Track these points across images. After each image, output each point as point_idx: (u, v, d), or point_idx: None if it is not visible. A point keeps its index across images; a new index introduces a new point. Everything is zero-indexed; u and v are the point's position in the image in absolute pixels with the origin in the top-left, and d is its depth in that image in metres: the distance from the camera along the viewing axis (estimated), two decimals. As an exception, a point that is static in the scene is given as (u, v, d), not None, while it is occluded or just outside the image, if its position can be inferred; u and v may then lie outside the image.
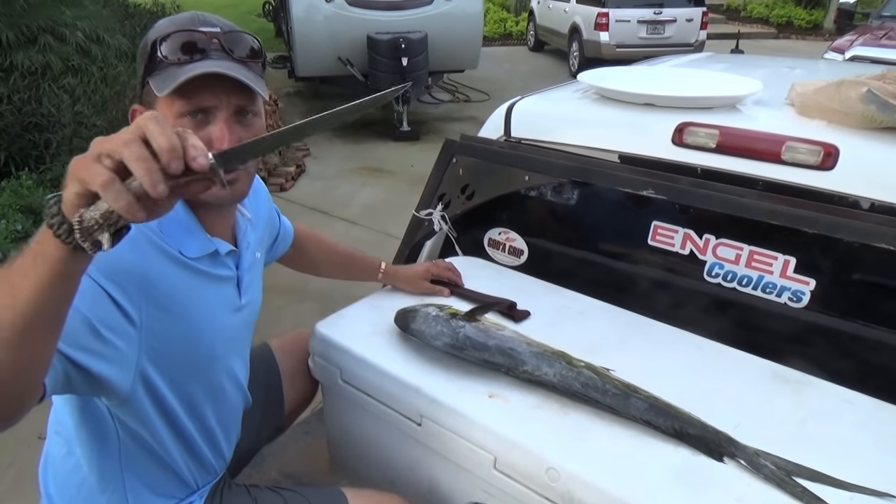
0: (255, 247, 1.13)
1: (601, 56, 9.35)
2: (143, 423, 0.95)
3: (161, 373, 0.92)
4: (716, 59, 2.30)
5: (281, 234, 1.35)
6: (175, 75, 0.85)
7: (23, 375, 0.62)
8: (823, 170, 1.29)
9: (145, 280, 0.86)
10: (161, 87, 0.86)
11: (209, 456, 1.08)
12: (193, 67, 0.86)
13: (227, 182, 0.88)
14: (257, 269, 1.15)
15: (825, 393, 1.17)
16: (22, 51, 4.38)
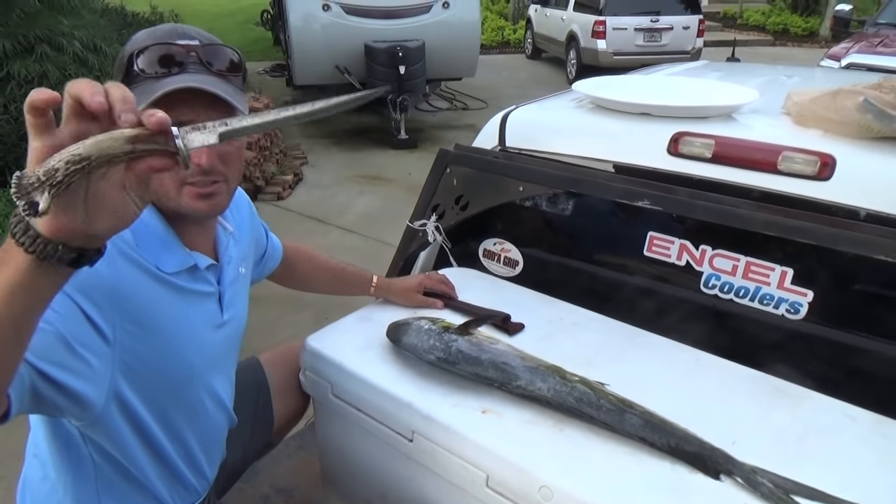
0: (239, 261, 1.11)
1: (598, 64, 9.36)
2: (116, 444, 0.93)
3: (136, 391, 0.90)
4: (712, 68, 2.30)
5: (269, 251, 1.34)
6: (152, 89, 0.84)
7: None
8: (820, 180, 1.28)
9: (120, 295, 0.84)
10: (137, 101, 0.83)
11: (190, 477, 1.06)
12: (170, 81, 0.84)
13: (206, 195, 0.87)
14: (241, 285, 1.13)
15: (825, 407, 1.15)
16: (19, 60, 4.38)
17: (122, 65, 0.88)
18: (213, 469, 1.14)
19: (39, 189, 0.53)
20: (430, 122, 7.54)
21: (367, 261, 1.49)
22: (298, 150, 6.36)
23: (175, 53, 0.86)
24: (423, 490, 1.18)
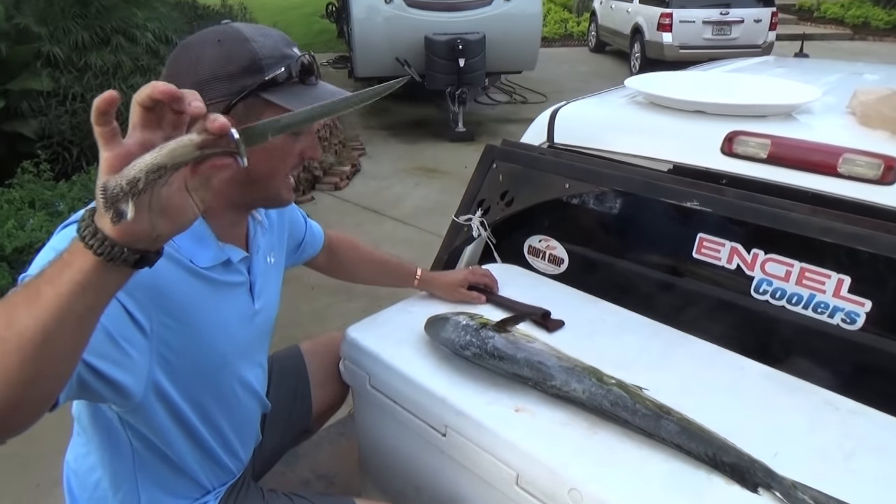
0: (267, 251, 1.13)
1: (664, 58, 9.13)
2: (154, 429, 0.97)
3: (171, 380, 0.94)
4: (775, 64, 2.21)
5: (307, 238, 1.35)
6: (309, 94, 0.93)
7: (42, 385, 0.62)
8: (884, 184, 1.21)
9: (157, 291, 0.87)
10: (300, 105, 0.85)
11: (224, 458, 1.10)
12: (323, 90, 0.96)
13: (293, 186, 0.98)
14: (273, 274, 1.15)
15: (877, 424, 1.09)
16: (95, 51, 4.60)
17: (251, 66, 0.91)
18: (248, 451, 1.17)
19: (124, 199, 0.57)
20: (489, 116, 7.51)
21: (420, 253, 1.49)
22: (357, 141, 6.45)
23: (312, 65, 0.96)
24: (455, 484, 1.18)
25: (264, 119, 0.88)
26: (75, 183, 3.86)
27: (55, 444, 1.20)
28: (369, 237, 4.29)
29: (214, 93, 0.90)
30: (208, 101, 0.87)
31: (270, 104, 0.92)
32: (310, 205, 4.80)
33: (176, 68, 0.92)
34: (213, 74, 0.90)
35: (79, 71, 4.48)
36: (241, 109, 0.91)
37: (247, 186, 0.97)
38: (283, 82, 0.93)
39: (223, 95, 0.90)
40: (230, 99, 0.90)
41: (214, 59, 0.90)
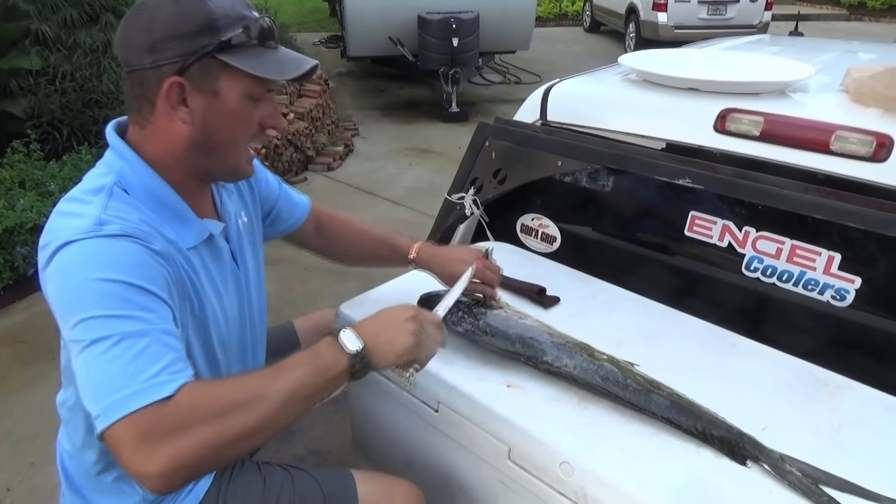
0: (237, 213, 1.13)
1: (658, 38, 9.08)
2: None
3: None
4: (770, 42, 2.20)
5: (282, 205, 1.29)
6: (268, 58, 0.94)
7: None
8: (875, 161, 1.22)
9: (174, 285, 0.92)
10: (265, 69, 0.93)
11: None
12: (284, 54, 0.96)
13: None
14: (248, 234, 1.15)
15: (865, 399, 1.11)
16: (84, 29, 4.54)
17: (207, 27, 0.89)
18: None
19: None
20: (483, 96, 7.47)
21: (413, 234, 1.45)
22: (350, 121, 6.41)
23: (272, 27, 0.95)
24: (448, 460, 1.19)
25: (221, 81, 0.91)
26: (66, 163, 3.83)
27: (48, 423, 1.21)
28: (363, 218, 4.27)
29: (169, 53, 0.88)
30: (163, 61, 0.88)
31: (227, 66, 0.91)
32: (303, 185, 4.78)
33: (130, 28, 0.90)
34: (168, 34, 0.88)
35: (68, 49, 4.42)
36: (195, 70, 0.90)
37: (207, 155, 0.96)
38: (241, 45, 0.91)
39: (177, 56, 0.89)
40: (185, 59, 0.89)
41: (169, 18, 0.89)
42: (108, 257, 0.84)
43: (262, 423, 0.82)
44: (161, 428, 0.77)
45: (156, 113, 0.92)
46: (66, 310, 0.82)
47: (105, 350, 0.79)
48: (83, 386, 0.81)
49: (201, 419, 0.79)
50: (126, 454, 0.77)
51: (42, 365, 2.65)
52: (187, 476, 0.79)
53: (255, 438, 0.83)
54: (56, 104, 4.13)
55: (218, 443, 0.79)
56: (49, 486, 1.39)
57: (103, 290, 0.82)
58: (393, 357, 0.95)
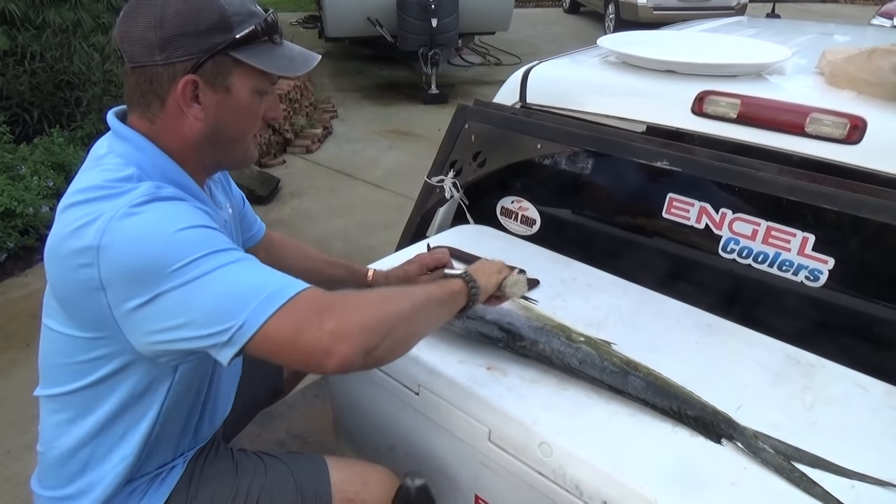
0: (224, 203, 1.13)
1: (638, 19, 9.07)
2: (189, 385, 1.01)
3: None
4: (747, 24, 2.21)
5: (247, 212, 1.29)
6: (277, 54, 0.95)
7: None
8: (849, 143, 1.23)
9: None
10: (276, 66, 0.94)
11: (205, 423, 1.11)
12: (289, 49, 0.97)
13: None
14: (234, 225, 1.16)
15: (837, 377, 1.13)
16: (53, 8, 4.41)
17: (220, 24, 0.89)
18: (224, 416, 1.18)
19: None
20: (462, 78, 7.43)
21: (393, 216, 1.45)
22: (328, 103, 6.34)
23: (278, 22, 0.96)
24: (428, 442, 1.20)
25: (233, 78, 0.91)
26: (37, 146, 3.75)
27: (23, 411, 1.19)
28: (342, 201, 4.25)
29: (182, 50, 0.87)
30: (176, 59, 0.88)
31: (240, 63, 0.91)
32: (281, 168, 4.73)
33: (134, 26, 0.88)
34: (181, 31, 0.87)
35: (37, 29, 4.30)
36: (209, 67, 0.90)
37: (218, 147, 0.97)
38: (252, 41, 0.91)
39: (191, 53, 0.88)
40: (199, 56, 0.88)
41: (180, 14, 0.87)
42: (181, 213, 0.85)
43: (413, 312, 0.91)
44: (334, 306, 0.82)
45: (166, 109, 0.91)
46: (151, 268, 0.80)
47: (225, 273, 0.81)
48: (200, 313, 0.80)
49: (361, 304, 0.86)
50: (310, 332, 0.80)
51: (16, 352, 2.61)
52: (367, 351, 0.82)
53: (412, 324, 0.91)
54: (25, 85, 4.03)
55: (384, 326, 0.85)
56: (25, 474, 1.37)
57: (193, 236, 0.83)
58: (491, 287, 1.10)
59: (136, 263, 0.81)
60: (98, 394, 0.95)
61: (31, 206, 3.28)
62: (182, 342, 0.83)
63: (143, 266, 0.81)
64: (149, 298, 0.81)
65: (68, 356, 0.93)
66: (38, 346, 1.01)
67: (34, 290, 3.09)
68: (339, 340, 0.80)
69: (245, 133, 0.99)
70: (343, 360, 0.80)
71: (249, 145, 1.01)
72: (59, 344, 0.93)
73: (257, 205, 4.10)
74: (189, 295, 0.80)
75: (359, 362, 0.82)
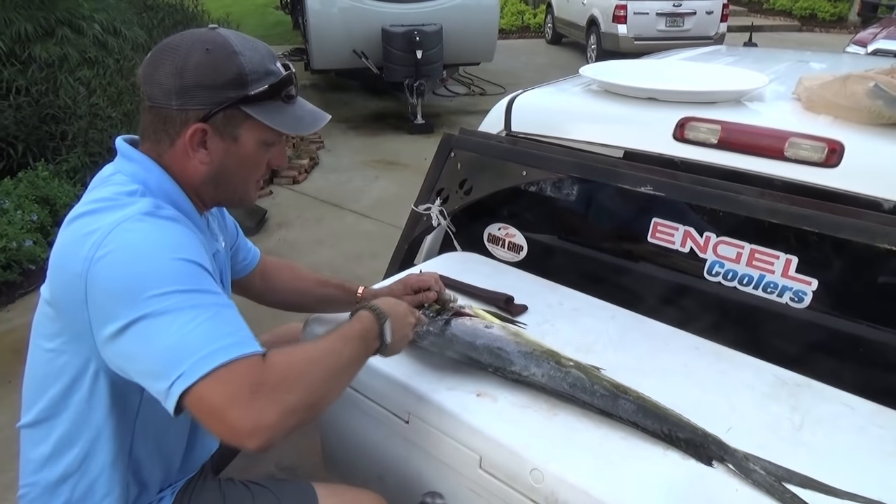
0: (219, 235, 1.15)
1: (619, 49, 9.24)
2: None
3: None
4: (725, 53, 2.26)
5: (241, 242, 1.31)
6: (286, 113, 0.99)
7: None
8: (828, 167, 1.26)
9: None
10: (285, 124, 0.99)
11: (193, 455, 1.10)
12: (300, 107, 1.02)
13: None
14: (225, 257, 1.19)
15: (824, 397, 1.14)
16: (40, 43, 4.43)
17: (236, 80, 0.94)
18: (211, 449, 1.17)
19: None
20: (448, 108, 7.51)
21: (380, 246, 1.45)
22: (315, 134, 6.38)
23: (294, 82, 1.01)
24: (419, 471, 1.19)
25: (241, 129, 0.97)
26: (21, 180, 3.73)
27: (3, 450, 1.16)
28: (330, 231, 4.25)
29: (197, 100, 0.93)
30: (190, 107, 0.93)
31: (249, 117, 0.96)
32: (268, 199, 4.73)
33: (157, 70, 0.93)
34: (198, 82, 0.93)
35: (23, 63, 4.31)
36: (220, 118, 0.95)
37: (221, 189, 1.02)
38: (264, 98, 0.96)
39: (205, 104, 0.93)
40: (211, 108, 0.94)
41: (200, 67, 0.92)
42: (174, 238, 0.89)
43: (341, 378, 0.95)
44: (268, 382, 0.82)
45: (175, 148, 0.96)
46: (129, 289, 0.83)
47: (189, 318, 0.82)
48: (154, 355, 0.81)
49: (297, 378, 0.86)
50: (239, 408, 0.80)
51: (-2, 388, 2.57)
52: (290, 429, 0.83)
53: (332, 396, 0.93)
54: (10, 119, 4.02)
55: (317, 393, 0.88)
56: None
57: (177, 267, 0.85)
58: (396, 352, 1.09)
59: (117, 283, 0.83)
60: (75, 419, 0.95)
61: (14, 240, 3.26)
62: (140, 378, 0.85)
63: (123, 286, 0.83)
64: (121, 326, 0.83)
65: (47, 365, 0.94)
66: (20, 382, 1.00)
67: (16, 325, 3.04)
68: (262, 428, 0.80)
69: (247, 180, 1.04)
70: (264, 445, 0.81)
71: (250, 190, 1.06)
72: (45, 360, 0.94)
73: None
74: (153, 329, 0.82)
75: (279, 440, 0.83)
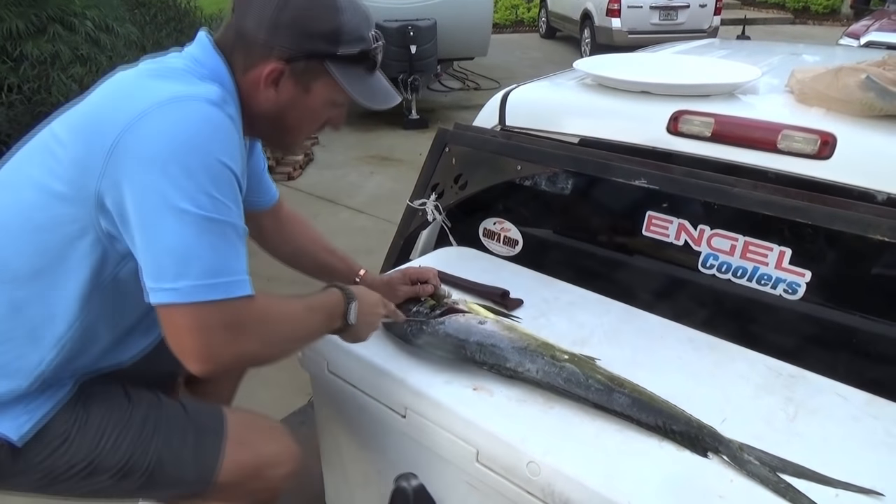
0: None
1: (613, 43, 9.23)
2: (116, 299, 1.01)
3: None
4: (718, 46, 2.26)
5: (262, 177, 1.32)
6: (366, 83, 1.00)
7: None
8: (820, 159, 1.26)
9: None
10: (360, 92, 1.00)
11: (119, 351, 1.11)
12: (378, 82, 1.03)
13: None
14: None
15: (817, 387, 1.15)
16: (31, 40, 4.40)
17: (332, 35, 0.94)
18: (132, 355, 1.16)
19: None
20: (442, 103, 7.50)
21: (376, 241, 1.45)
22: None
23: (379, 56, 1.02)
24: (416, 465, 1.19)
25: (317, 83, 0.97)
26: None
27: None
28: (325, 227, 4.24)
29: (286, 40, 0.93)
30: (276, 44, 0.93)
31: (328, 74, 0.96)
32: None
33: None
34: (294, 24, 0.92)
35: (14, 61, 4.29)
36: (300, 66, 0.95)
37: (273, 128, 1.03)
38: (349, 62, 0.96)
39: (292, 47, 0.93)
40: (297, 53, 0.93)
41: (301, 11, 0.93)
42: (232, 142, 0.89)
43: (296, 344, 1.08)
44: (244, 326, 0.89)
45: (246, 76, 0.96)
46: (172, 158, 0.83)
47: (204, 231, 0.84)
48: (155, 248, 0.84)
49: (266, 332, 0.93)
50: (200, 337, 0.86)
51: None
52: (232, 369, 0.96)
53: (281, 357, 0.99)
54: (3, 117, 4.00)
55: (271, 349, 0.96)
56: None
57: (223, 173, 0.86)
58: (359, 340, 1.14)
59: (154, 147, 0.83)
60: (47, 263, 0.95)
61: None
62: (128, 245, 0.89)
63: (158, 151, 0.83)
64: (137, 190, 0.84)
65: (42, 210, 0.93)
66: None
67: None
68: (212, 362, 0.88)
69: (302, 130, 1.05)
70: (205, 375, 0.89)
71: (299, 140, 1.08)
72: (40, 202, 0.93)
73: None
74: (169, 219, 0.83)
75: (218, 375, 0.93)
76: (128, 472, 1.07)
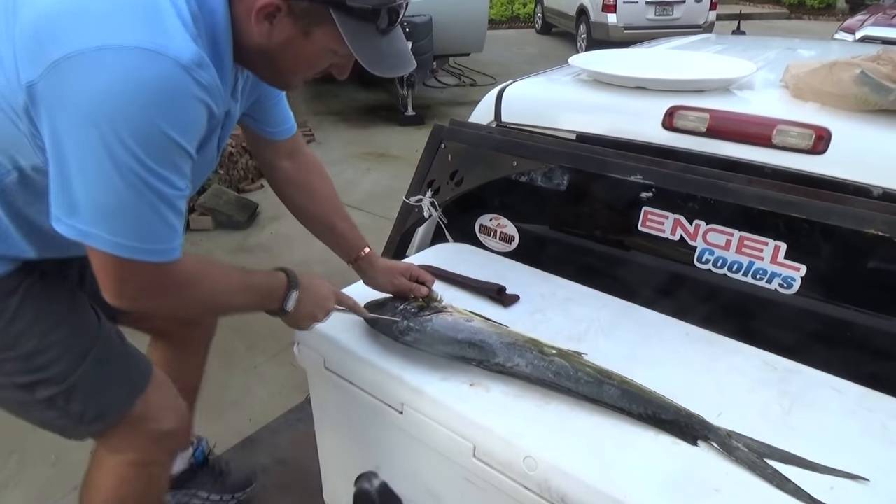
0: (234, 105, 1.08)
1: (609, 38, 9.25)
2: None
3: None
4: (714, 41, 2.27)
5: (277, 105, 1.23)
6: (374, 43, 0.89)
7: None
8: (815, 154, 1.27)
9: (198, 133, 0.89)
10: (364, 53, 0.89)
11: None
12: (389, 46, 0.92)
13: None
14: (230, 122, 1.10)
15: (813, 381, 1.15)
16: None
17: None
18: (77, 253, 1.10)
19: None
20: (438, 99, 7.50)
21: (373, 238, 1.43)
22: (305, 127, 6.35)
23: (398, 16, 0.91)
24: (413, 461, 1.20)
25: (318, 28, 0.87)
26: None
27: None
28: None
29: None
30: None
31: (333, 24, 0.85)
32: (260, 193, 4.72)
33: None
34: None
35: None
36: (302, 6, 0.84)
37: (264, 65, 0.95)
38: (358, 15, 0.86)
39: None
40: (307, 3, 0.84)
41: None
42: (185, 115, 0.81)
43: (219, 312, 1.19)
44: (162, 287, 0.91)
45: (242, 2, 0.86)
46: (107, 108, 0.75)
47: (139, 194, 0.81)
48: (81, 194, 0.80)
49: (191, 293, 0.96)
50: (125, 288, 0.89)
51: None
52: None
53: (209, 316, 1.10)
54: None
55: (188, 311, 1.06)
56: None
57: (164, 143, 0.80)
58: (297, 328, 1.18)
59: (101, 101, 0.74)
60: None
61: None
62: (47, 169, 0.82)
63: (104, 109, 0.74)
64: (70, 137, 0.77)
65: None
66: None
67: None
68: (125, 304, 0.91)
69: (296, 72, 0.96)
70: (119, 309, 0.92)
71: (294, 80, 0.99)
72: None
73: (235, 230, 4.08)
74: (91, 166, 0.78)
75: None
76: (44, 380, 1.08)
